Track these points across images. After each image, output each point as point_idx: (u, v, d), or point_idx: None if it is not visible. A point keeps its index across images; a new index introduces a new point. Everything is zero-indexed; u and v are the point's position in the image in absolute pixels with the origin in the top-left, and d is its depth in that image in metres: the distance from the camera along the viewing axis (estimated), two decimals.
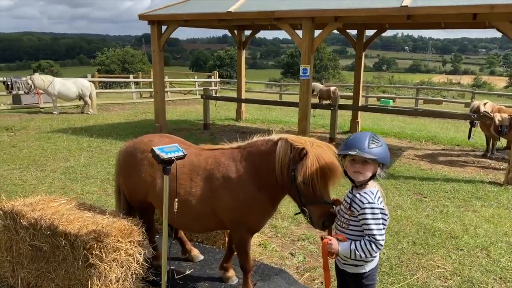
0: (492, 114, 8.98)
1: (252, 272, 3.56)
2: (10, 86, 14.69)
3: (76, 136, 10.30)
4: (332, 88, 17.82)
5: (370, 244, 2.39)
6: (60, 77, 18.87)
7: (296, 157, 2.80)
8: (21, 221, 3.31)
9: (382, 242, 2.40)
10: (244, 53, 14.26)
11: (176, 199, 2.96)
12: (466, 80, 68.73)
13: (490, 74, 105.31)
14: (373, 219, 2.40)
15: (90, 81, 15.52)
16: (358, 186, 2.52)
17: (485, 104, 9.30)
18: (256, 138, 3.28)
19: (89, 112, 14.78)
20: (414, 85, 23.83)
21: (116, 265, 3.09)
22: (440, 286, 3.81)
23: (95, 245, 2.96)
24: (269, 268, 3.89)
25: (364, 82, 23.15)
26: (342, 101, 17.79)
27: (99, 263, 2.98)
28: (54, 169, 7.29)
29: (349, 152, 2.44)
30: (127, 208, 3.79)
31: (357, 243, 2.42)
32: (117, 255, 3.09)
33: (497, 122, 8.84)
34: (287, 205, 5.64)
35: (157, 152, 2.81)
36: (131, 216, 3.61)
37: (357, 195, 2.49)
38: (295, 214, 2.96)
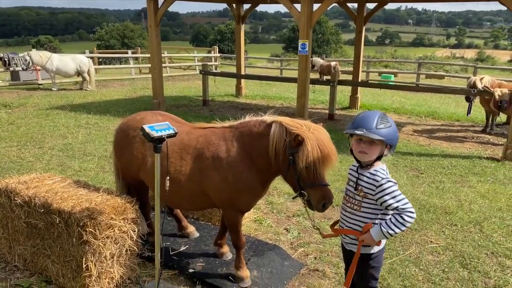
0: (491, 89, 8.90)
1: (245, 248, 3.60)
2: (7, 62, 14.56)
3: (74, 113, 10.27)
4: (333, 63, 17.59)
5: (401, 216, 2.33)
6: (60, 53, 18.71)
7: (292, 142, 2.76)
8: (16, 199, 3.33)
9: (412, 209, 2.34)
10: (243, 28, 14.04)
11: (168, 177, 2.96)
12: (470, 54, 67.86)
13: (494, 48, 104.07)
14: (391, 192, 2.36)
15: (88, 57, 15.37)
16: (364, 166, 2.49)
17: (481, 79, 9.22)
18: (248, 118, 3.22)
19: (87, 89, 14.69)
20: (416, 60, 23.50)
21: (110, 242, 3.13)
22: (432, 261, 3.86)
23: (89, 223, 2.98)
24: (263, 244, 3.93)
25: (366, 56, 22.89)
26: (343, 77, 17.68)
27: (93, 240, 3.01)
28: (52, 146, 7.30)
29: (356, 132, 2.38)
30: (127, 186, 3.79)
31: (387, 222, 2.36)
32: (111, 232, 3.11)
33: (497, 97, 8.76)
34: (283, 182, 5.67)
35: (147, 130, 2.79)
36: (129, 195, 3.64)
37: (368, 174, 2.45)
38: (293, 198, 2.94)
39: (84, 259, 3.03)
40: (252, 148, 3.04)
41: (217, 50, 24.49)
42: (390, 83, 18.68)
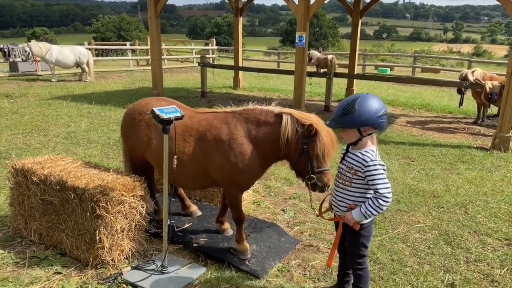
0: (483, 82, 9.18)
1: (245, 225, 3.87)
2: (7, 53, 14.70)
3: (75, 103, 10.48)
4: (330, 57, 17.87)
5: (377, 201, 2.61)
6: (57, 45, 18.81)
7: (305, 133, 3.07)
8: (32, 177, 3.58)
9: (388, 194, 2.61)
10: (241, 20, 14.22)
11: (176, 156, 3.21)
12: (467, 48, 68.15)
13: (491, 43, 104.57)
14: (377, 175, 2.62)
15: (87, 49, 15.52)
16: (355, 145, 2.75)
17: (473, 72, 9.49)
18: (251, 106, 3.47)
19: (86, 80, 14.86)
20: (412, 54, 23.76)
21: (121, 216, 3.39)
22: (418, 238, 4.14)
23: (102, 198, 3.24)
24: (262, 222, 4.20)
25: (362, 50, 23.13)
26: (340, 70, 17.89)
27: (105, 214, 3.27)
28: (57, 134, 7.52)
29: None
30: (133, 167, 4.01)
31: (366, 204, 2.64)
32: (121, 207, 3.37)
33: (487, 89, 9.05)
34: (280, 168, 5.93)
35: (157, 112, 3.05)
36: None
37: (359, 154, 2.70)
38: (303, 181, 3.21)
39: (97, 232, 3.29)
40: (258, 134, 3.28)
41: (215, 42, 24.66)
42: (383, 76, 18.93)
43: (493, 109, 10.40)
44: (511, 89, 7.25)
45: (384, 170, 2.68)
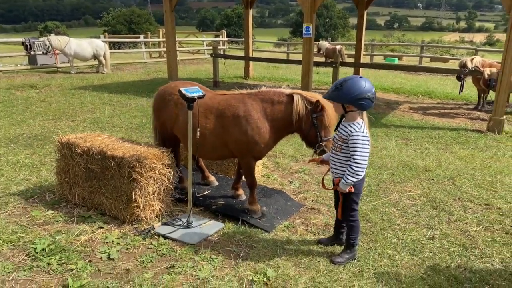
0: (481, 69, 9.63)
1: (257, 191, 4.49)
2: (29, 46, 15.45)
3: (97, 92, 11.18)
4: (338, 47, 18.32)
5: (352, 168, 3.20)
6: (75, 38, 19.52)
7: (313, 109, 3.72)
8: (76, 149, 4.24)
9: (361, 161, 3.18)
10: (251, 12, 14.75)
11: (199, 129, 3.84)
12: (479, 38, 67.54)
13: (505, 32, 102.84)
14: (357, 144, 3.19)
15: (103, 41, 16.20)
16: (346, 117, 3.34)
17: (472, 59, 9.95)
18: (264, 88, 4.11)
19: (103, 72, 15.56)
20: (419, 44, 24.04)
21: (153, 180, 4.03)
22: (408, 204, 4.73)
23: (137, 165, 3.88)
24: (271, 190, 4.83)
25: (371, 40, 23.50)
26: (349, 60, 18.34)
27: (140, 178, 3.92)
28: (83, 119, 8.22)
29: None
30: (163, 141, 4.65)
31: (345, 174, 3.23)
32: (153, 173, 4.02)
33: (486, 76, 9.51)
34: (288, 147, 6.54)
35: (183, 92, 3.68)
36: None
37: (347, 126, 3.29)
38: (313, 148, 3.84)
39: (133, 193, 3.94)
40: (273, 112, 3.92)
41: (225, 34, 25.20)
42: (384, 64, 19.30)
43: (492, 95, 10.81)
44: (505, 75, 7.74)
45: (368, 141, 3.24)
